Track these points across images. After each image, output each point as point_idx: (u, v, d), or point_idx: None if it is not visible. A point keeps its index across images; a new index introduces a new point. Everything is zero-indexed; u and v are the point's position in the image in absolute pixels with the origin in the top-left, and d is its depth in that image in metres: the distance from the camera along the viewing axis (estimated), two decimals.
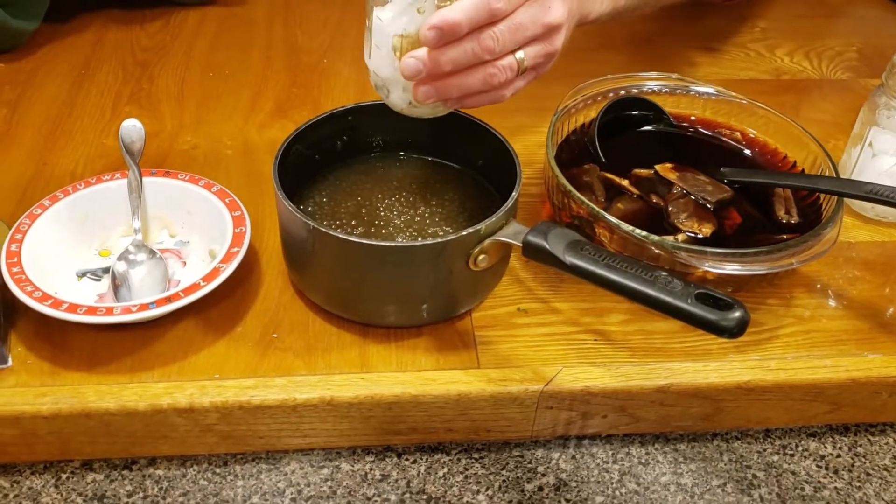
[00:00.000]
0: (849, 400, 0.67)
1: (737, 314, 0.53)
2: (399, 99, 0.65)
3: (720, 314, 0.53)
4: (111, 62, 0.97)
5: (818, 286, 0.75)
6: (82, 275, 0.69)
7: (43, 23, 0.98)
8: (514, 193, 0.66)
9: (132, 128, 0.73)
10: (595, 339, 0.67)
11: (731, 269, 0.64)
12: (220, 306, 0.67)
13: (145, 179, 0.72)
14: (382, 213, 0.72)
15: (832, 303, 0.73)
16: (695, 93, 0.82)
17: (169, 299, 0.62)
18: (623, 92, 0.81)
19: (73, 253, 0.70)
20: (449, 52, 0.60)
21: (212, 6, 1.08)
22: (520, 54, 0.63)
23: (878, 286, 0.75)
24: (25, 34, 0.95)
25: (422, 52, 0.60)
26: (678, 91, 0.82)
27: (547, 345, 0.66)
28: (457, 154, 0.77)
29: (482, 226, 0.62)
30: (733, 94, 0.81)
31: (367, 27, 0.64)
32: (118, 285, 0.67)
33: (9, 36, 0.94)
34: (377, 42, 0.63)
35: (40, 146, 0.85)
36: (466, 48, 0.60)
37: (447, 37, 0.59)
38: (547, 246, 0.60)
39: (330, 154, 0.75)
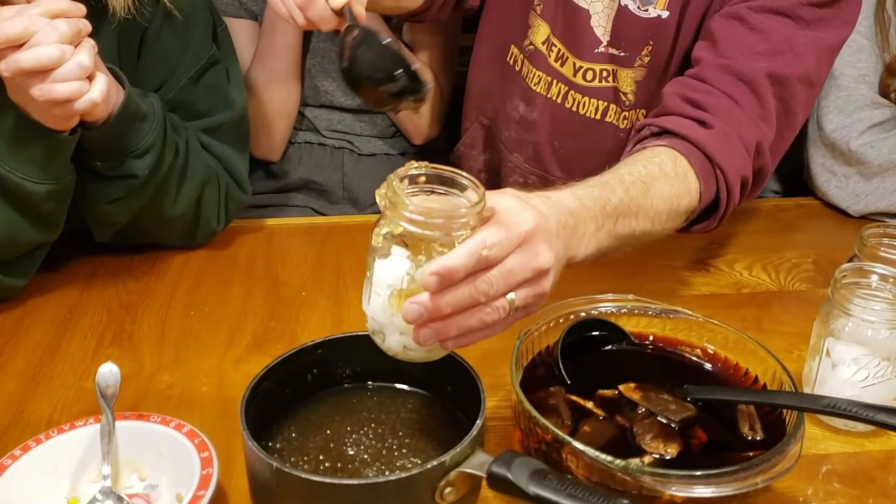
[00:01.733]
0: None
1: None
2: (395, 343, 0.68)
3: None
4: (97, 306, 1.01)
5: (798, 502, 0.74)
6: None
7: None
8: (478, 421, 0.67)
9: (108, 373, 0.75)
10: None
11: (698, 491, 0.63)
12: None
13: (118, 423, 0.73)
14: (351, 447, 0.72)
15: None
16: (652, 312, 0.85)
17: None
18: (583, 314, 0.85)
19: (42, 502, 0.70)
20: (447, 296, 0.63)
21: (197, 248, 1.14)
22: (511, 296, 0.66)
23: (856, 499, 0.74)
24: (15, 289, 0.99)
25: (423, 296, 0.63)
26: (636, 311, 0.86)
27: None
28: (425, 381, 0.79)
29: (446, 457, 0.63)
30: (689, 312, 0.84)
31: (368, 277, 0.68)
32: None
33: None
34: (377, 290, 0.66)
35: (21, 392, 0.86)
36: (463, 292, 0.64)
37: (446, 282, 0.62)
38: (510, 476, 0.61)
39: (300, 387, 0.77)
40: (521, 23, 1.21)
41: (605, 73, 1.15)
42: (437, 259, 0.63)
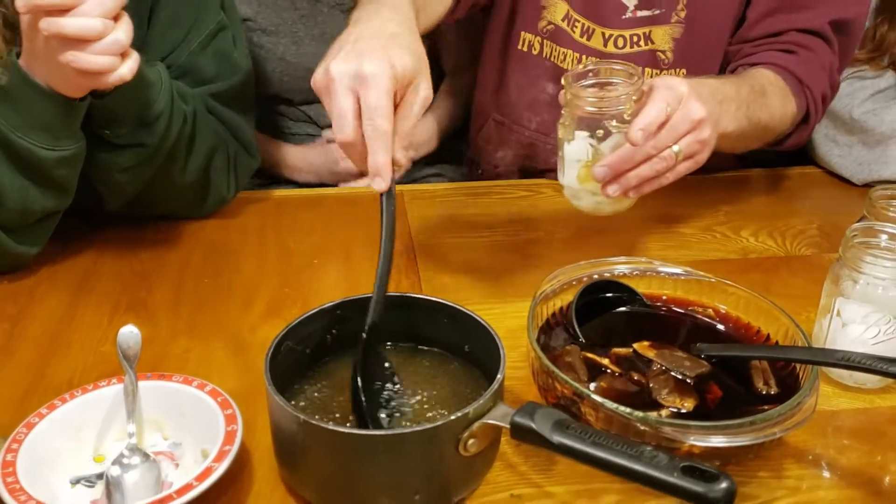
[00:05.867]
0: None
1: (724, 485, 0.54)
2: (588, 203, 0.89)
3: (707, 486, 0.54)
4: (110, 275, 1.01)
5: (808, 457, 0.76)
6: (76, 482, 0.70)
7: None
8: (498, 375, 0.68)
9: (129, 334, 0.76)
10: None
11: (715, 441, 0.65)
12: None
13: (140, 383, 0.74)
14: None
15: (823, 473, 0.74)
16: (664, 274, 0.87)
17: (162, 501, 0.62)
18: (596, 276, 0.86)
19: (69, 460, 0.71)
20: (625, 154, 0.82)
21: (207, 218, 1.14)
22: (675, 147, 0.84)
23: (867, 454, 0.76)
24: (28, 257, 1.00)
25: (605, 160, 0.83)
26: (648, 273, 0.87)
27: None
28: (443, 341, 0.79)
29: (470, 409, 0.64)
30: (701, 273, 0.86)
31: (560, 157, 0.88)
32: (111, 491, 0.67)
33: (11, 259, 0.99)
34: (569, 165, 0.87)
35: (39, 358, 0.87)
36: (638, 151, 0.82)
37: (648, 135, 0.81)
38: (534, 426, 0.62)
39: (320, 348, 0.78)
40: (531, 7, 1.22)
41: (635, 38, 1.17)
42: (640, 117, 0.81)
